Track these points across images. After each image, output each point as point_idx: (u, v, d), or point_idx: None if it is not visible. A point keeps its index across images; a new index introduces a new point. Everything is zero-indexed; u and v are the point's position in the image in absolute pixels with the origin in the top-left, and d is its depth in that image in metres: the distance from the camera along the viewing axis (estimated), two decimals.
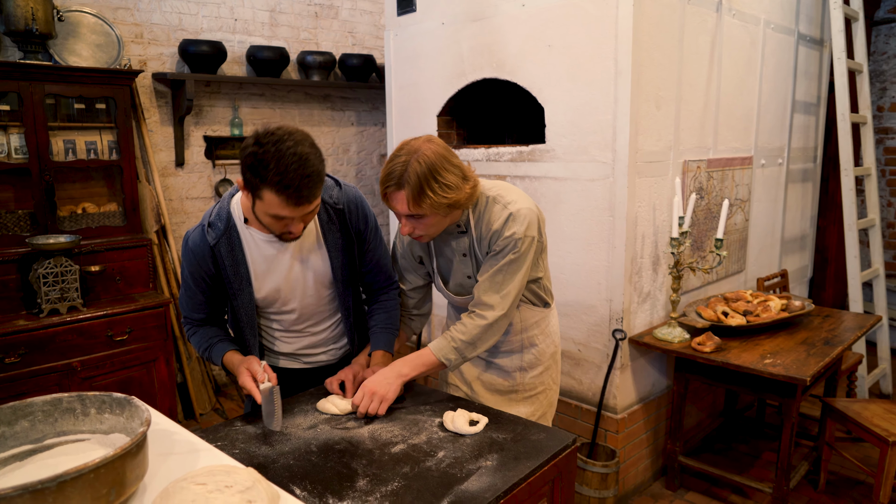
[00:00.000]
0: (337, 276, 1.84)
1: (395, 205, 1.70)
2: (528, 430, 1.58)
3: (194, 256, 1.73)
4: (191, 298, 1.81)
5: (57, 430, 1.10)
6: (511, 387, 2.05)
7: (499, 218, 1.79)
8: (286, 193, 1.49)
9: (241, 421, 1.63)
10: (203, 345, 1.83)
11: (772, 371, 2.46)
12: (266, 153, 1.47)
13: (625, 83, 2.65)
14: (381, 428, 1.59)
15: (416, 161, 1.62)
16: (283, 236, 1.64)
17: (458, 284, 1.98)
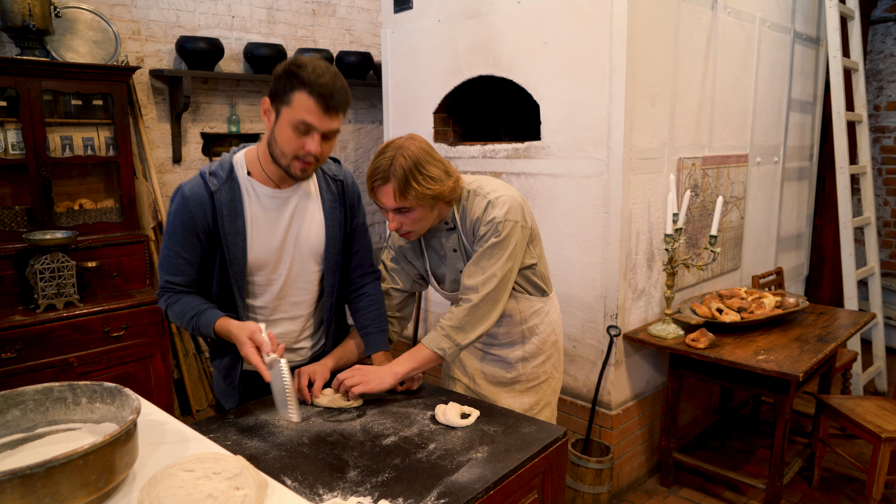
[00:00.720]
0: (330, 250, 1.80)
1: (382, 198, 1.75)
2: (519, 422, 1.59)
3: (190, 205, 1.63)
4: (175, 258, 1.67)
5: (48, 419, 1.11)
6: (514, 378, 2.06)
7: (479, 207, 1.86)
8: (319, 94, 1.50)
9: (234, 413, 1.64)
10: (188, 313, 1.66)
11: (765, 367, 2.47)
12: (302, 62, 1.52)
13: (619, 80, 2.66)
14: (374, 421, 1.60)
15: (402, 156, 1.70)
16: (299, 161, 1.58)
17: (452, 281, 2.00)
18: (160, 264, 1.71)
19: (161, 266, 1.71)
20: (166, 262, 1.69)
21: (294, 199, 1.74)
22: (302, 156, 1.58)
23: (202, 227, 1.65)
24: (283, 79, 1.53)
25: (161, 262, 1.71)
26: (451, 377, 2.16)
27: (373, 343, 1.89)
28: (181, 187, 1.66)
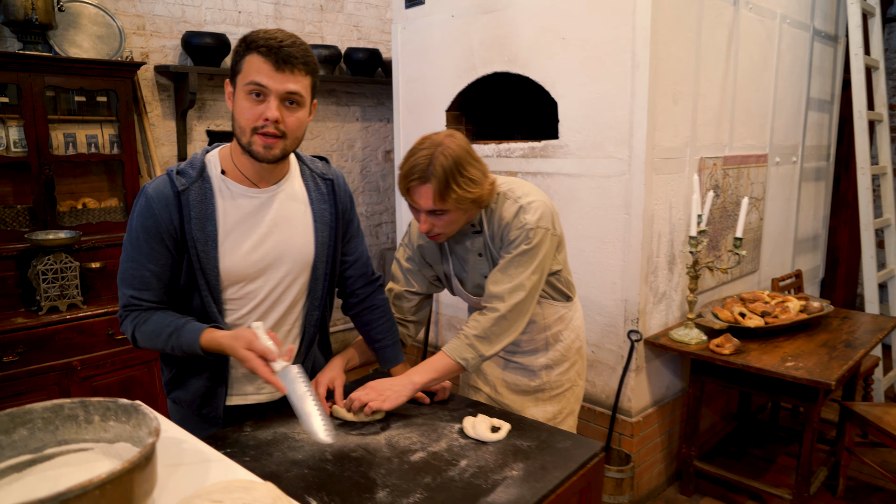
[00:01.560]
0: (320, 257, 1.59)
1: (419, 200, 1.63)
2: (552, 437, 1.51)
3: (154, 208, 1.42)
4: (139, 269, 1.44)
5: (58, 438, 1.02)
6: (537, 386, 1.99)
7: (509, 211, 1.75)
8: (267, 49, 1.35)
9: (250, 426, 1.55)
10: (164, 331, 1.43)
11: (795, 375, 2.38)
12: (255, 31, 1.40)
13: (642, 77, 2.57)
14: (399, 434, 1.51)
15: (442, 154, 1.58)
16: (259, 134, 1.39)
17: (475, 286, 1.91)
18: (121, 278, 1.47)
19: (122, 280, 1.46)
20: (128, 275, 1.46)
21: (276, 200, 1.53)
22: (260, 126, 1.38)
23: (168, 233, 1.43)
24: (237, 51, 1.40)
25: (122, 276, 1.46)
26: (470, 386, 2.08)
27: (390, 356, 1.78)
28: (144, 188, 1.46)
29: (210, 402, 1.59)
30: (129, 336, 1.50)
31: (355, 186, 4.80)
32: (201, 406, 1.59)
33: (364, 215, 4.90)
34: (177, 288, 1.50)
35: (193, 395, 1.59)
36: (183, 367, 1.58)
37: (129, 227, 1.46)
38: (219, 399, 1.59)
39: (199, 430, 1.54)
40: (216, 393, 1.58)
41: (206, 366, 1.55)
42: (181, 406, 1.62)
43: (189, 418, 1.61)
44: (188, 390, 1.59)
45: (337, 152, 4.61)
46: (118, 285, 1.49)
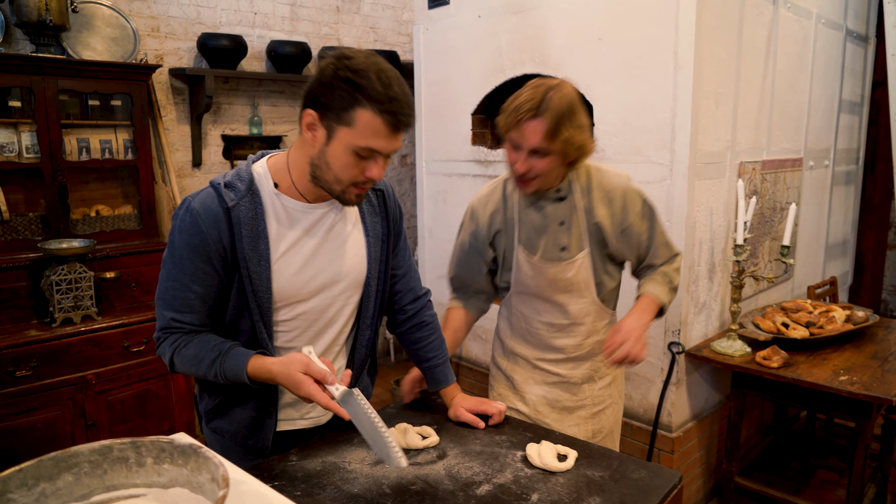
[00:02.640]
0: (372, 273, 1.48)
1: (527, 134, 1.58)
2: (625, 465, 1.39)
3: (201, 224, 1.28)
4: (183, 290, 1.32)
5: (106, 483, 0.91)
6: (579, 401, 1.91)
7: (618, 178, 1.79)
8: (389, 113, 1.20)
9: (296, 454, 1.44)
10: (207, 356, 1.32)
11: (851, 390, 2.27)
12: (360, 66, 1.20)
13: (686, 78, 2.46)
14: (458, 464, 1.40)
15: (557, 94, 1.57)
16: (357, 187, 1.30)
17: (544, 253, 1.80)
18: (161, 298, 1.34)
19: (162, 301, 1.34)
20: (169, 296, 1.33)
21: (330, 216, 1.42)
22: (361, 182, 1.30)
23: (216, 252, 1.30)
24: (340, 90, 1.21)
25: (162, 296, 1.34)
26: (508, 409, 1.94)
27: (440, 377, 1.65)
28: (187, 202, 1.32)
29: (257, 432, 1.48)
30: (167, 360, 1.38)
31: None
32: (247, 437, 1.48)
33: None
34: (222, 310, 1.38)
35: (238, 425, 1.47)
36: (227, 395, 1.46)
37: (171, 243, 1.33)
38: (267, 430, 1.47)
39: (243, 460, 1.46)
40: (264, 423, 1.47)
41: (253, 394, 1.43)
42: (222, 436, 1.50)
43: (231, 449, 1.50)
44: (232, 420, 1.47)
45: None
46: (157, 306, 1.37)
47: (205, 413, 1.51)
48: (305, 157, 1.33)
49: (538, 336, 1.88)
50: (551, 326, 1.86)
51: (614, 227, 1.78)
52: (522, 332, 1.91)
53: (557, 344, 1.87)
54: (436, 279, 3.68)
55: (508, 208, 1.81)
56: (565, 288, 1.80)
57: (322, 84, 1.23)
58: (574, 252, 1.78)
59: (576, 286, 1.80)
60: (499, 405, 1.60)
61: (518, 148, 1.63)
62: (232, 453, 1.48)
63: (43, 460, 0.86)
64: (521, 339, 1.92)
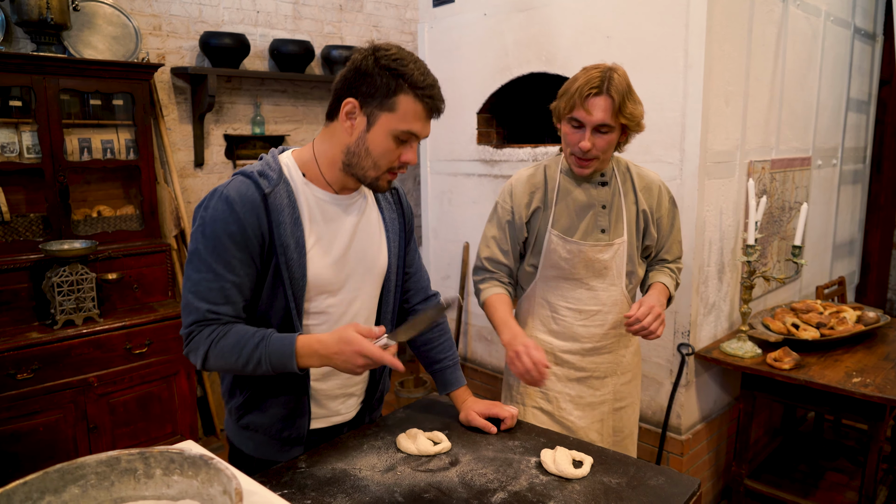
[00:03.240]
0: (392, 266, 1.51)
1: (593, 111, 1.66)
2: (642, 472, 1.36)
3: (239, 211, 1.28)
4: (219, 281, 1.29)
5: (114, 496, 0.88)
6: (601, 397, 1.92)
7: (653, 174, 1.93)
8: (429, 98, 1.29)
9: (305, 462, 1.40)
10: (251, 340, 1.28)
11: (864, 392, 2.24)
12: (400, 56, 1.28)
13: (696, 77, 2.43)
14: (472, 471, 1.37)
15: (617, 73, 1.68)
16: (391, 172, 1.36)
17: (584, 235, 1.84)
18: (193, 290, 1.31)
19: (196, 293, 1.30)
20: (204, 288, 1.30)
21: (356, 207, 1.45)
22: (396, 168, 1.36)
23: (255, 238, 1.30)
24: (383, 77, 1.27)
25: (194, 290, 1.30)
26: (528, 407, 1.94)
27: (451, 379, 1.64)
28: (220, 191, 1.31)
29: (293, 423, 1.46)
30: (202, 354, 1.31)
31: None
32: (283, 429, 1.47)
33: None
34: (254, 301, 1.37)
35: (272, 417, 1.45)
36: (260, 388, 1.44)
37: (203, 234, 1.30)
38: (303, 419, 1.46)
39: (280, 453, 1.49)
40: (300, 412, 1.45)
41: (286, 386, 1.43)
42: (255, 431, 1.48)
43: (265, 444, 1.49)
44: (266, 413, 1.45)
45: None
46: (189, 299, 1.32)
47: (236, 409, 1.48)
48: (338, 147, 1.36)
49: (564, 323, 1.88)
50: (579, 313, 1.86)
51: (652, 215, 1.88)
52: (547, 322, 1.90)
53: (584, 333, 1.87)
54: (441, 280, 3.64)
55: (549, 189, 1.85)
56: (599, 272, 1.83)
57: (363, 73, 1.29)
58: (613, 236, 1.83)
59: (610, 271, 1.84)
60: (511, 409, 1.57)
61: (581, 126, 1.70)
62: (266, 447, 1.48)
63: (48, 472, 0.83)
64: (546, 329, 1.91)
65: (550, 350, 1.91)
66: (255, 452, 1.49)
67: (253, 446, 1.49)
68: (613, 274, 1.84)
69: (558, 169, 1.87)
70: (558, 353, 1.90)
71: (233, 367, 1.31)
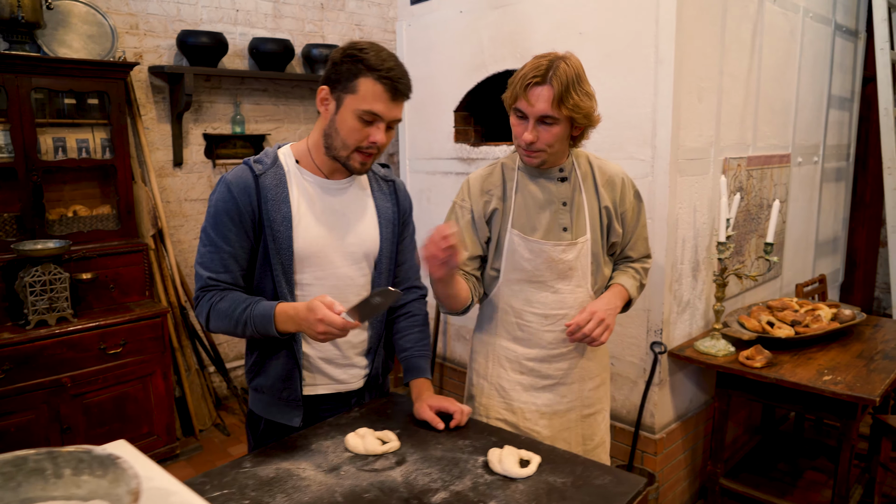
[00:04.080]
0: (384, 250, 1.64)
1: (535, 102, 1.59)
2: (588, 471, 1.35)
3: (234, 191, 1.49)
4: (219, 252, 1.51)
5: (20, 497, 0.86)
6: (569, 404, 1.85)
7: (616, 167, 1.85)
8: (387, 80, 1.43)
9: (250, 461, 1.39)
10: (240, 304, 1.47)
11: (834, 390, 2.22)
12: (363, 46, 1.45)
13: (667, 73, 2.41)
14: (416, 470, 1.35)
15: (564, 63, 1.59)
16: (361, 153, 1.49)
17: (546, 233, 1.75)
18: (199, 262, 1.53)
19: (200, 263, 1.53)
20: (206, 258, 1.52)
21: (348, 192, 1.61)
22: (365, 147, 1.48)
23: (248, 214, 1.50)
24: (345, 64, 1.44)
25: (200, 260, 1.53)
26: (492, 419, 1.88)
27: (415, 367, 1.68)
28: (223, 178, 1.54)
29: (288, 384, 1.60)
30: (204, 316, 1.51)
31: None
32: (282, 389, 1.60)
33: None
34: (251, 273, 1.55)
35: (273, 379, 1.60)
36: (263, 350, 1.61)
37: (209, 214, 1.52)
38: (295, 381, 1.60)
39: (283, 415, 1.62)
40: (293, 375, 1.59)
41: (282, 346, 1.58)
42: (263, 393, 1.63)
43: (272, 404, 1.63)
44: (268, 375, 1.61)
45: None
46: (196, 269, 1.55)
47: (247, 373, 1.66)
48: (320, 131, 1.54)
49: (529, 329, 1.80)
50: (545, 318, 1.78)
51: (616, 211, 1.81)
52: (512, 329, 1.82)
53: (550, 338, 1.79)
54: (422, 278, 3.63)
55: (507, 188, 1.78)
56: (564, 273, 1.75)
57: (333, 63, 1.47)
58: (576, 235, 1.75)
59: (575, 272, 1.76)
60: (464, 407, 1.55)
61: (524, 117, 1.64)
62: (273, 408, 1.63)
63: None
64: (511, 336, 1.83)
65: (515, 358, 1.83)
66: (264, 413, 1.64)
67: (262, 406, 1.65)
68: (579, 275, 1.77)
69: (515, 166, 1.79)
70: (523, 361, 1.83)
71: (229, 329, 1.49)
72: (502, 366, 1.85)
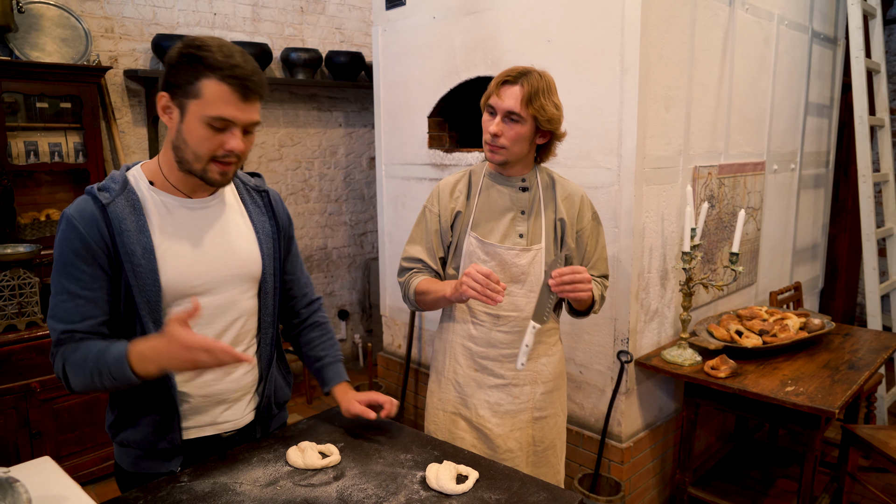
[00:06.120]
0: (267, 269, 1.49)
1: (504, 98, 1.71)
2: (525, 487, 1.34)
3: (79, 227, 1.28)
4: (69, 300, 1.28)
5: None
6: (521, 405, 1.90)
7: (577, 188, 1.92)
8: (234, 80, 1.24)
9: (188, 475, 1.38)
10: (92, 351, 1.26)
11: (795, 401, 2.22)
12: (202, 42, 1.26)
13: (632, 82, 2.41)
14: (353, 485, 1.34)
15: (538, 72, 1.73)
16: (218, 163, 1.30)
17: (505, 238, 1.85)
18: (51, 317, 1.30)
19: (53, 318, 1.30)
20: (59, 310, 1.29)
21: (214, 210, 1.43)
22: (221, 156, 1.30)
23: (100, 250, 1.29)
24: (184, 65, 1.24)
25: (52, 313, 1.30)
26: (450, 413, 1.93)
27: (332, 374, 1.66)
28: (64, 214, 1.32)
29: (166, 435, 1.42)
30: (61, 374, 1.30)
31: (339, 194, 4.63)
32: (156, 441, 1.42)
33: (348, 224, 4.73)
34: (116, 317, 1.34)
35: (144, 432, 1.42)
36: (129, 403, 1.42)
37: (55, 258, 1.31)
38: (175, 430, 1.42)
39: (161, 467, 1.44)
40: (171, 422, 1.41)
41: (153, 396, 1.39)
42: (132, 447, 1.44)
43: (142, 459, 1.45)
44: (137, 429, 1.42)
45: (319, 159, 4.45)
46: (49, 325, 1.32)
47: (109, 429, 1.46)
48: (169, 144, 1.34)
49: (482, 329, 1.87)
50: (496, 318, 1.85)
51: (572, 227, 1.88)
52: (467, 327, 1.90)
53: (501, 338, 1.86)
54: (396, 284, 3.62)
55: (472, 193, 1.88)
56: (517, 277, 1.83)
57: (169, 65, 1.27)
58: (530, 242, 1.84)
59: (528, 277, 1.83)
60: (393, 398, 1.58)
61: (494, 113, 1.74)
62: (144, 462, 1.44)
63: None
64: (466, 334, 1.90)
65: (469, 356, 1.90)
66: (133, 468, 1.45)
67: (130, 461, 1.45)
68: (532, 280, 1.84)
69: (483, 172, 1.90)
70: (478, 360, 1.89)
71: (87, 383, 1.28)
72: (458, 362, 1.92)
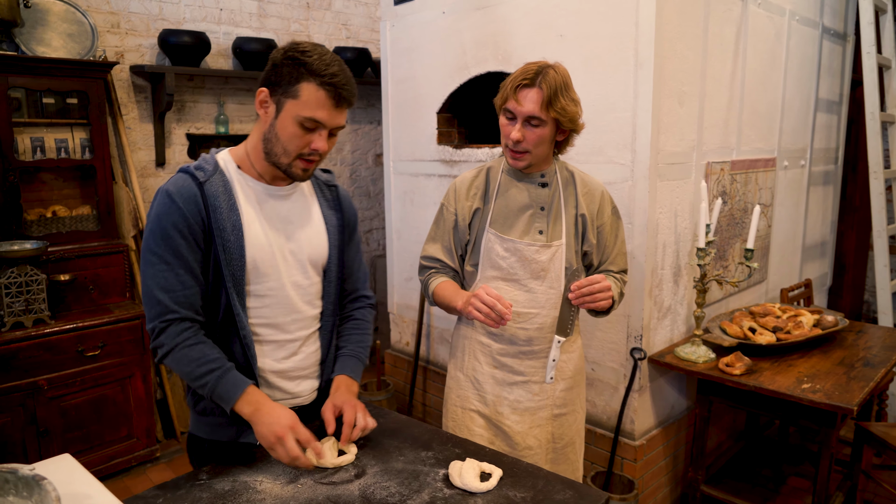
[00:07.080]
0: (332, 258, 1.59)
1: (523, 102, 1.67)
2: (550, 485, 1.32)
3: (178, 203, 1.36)
4: (171, 269, 1.37)
5: None
6: (540, 402, 1.88)
7: (597, 182, 1.90)
8: (330, 86, 1.35)
9: (207, 472, 1.36)
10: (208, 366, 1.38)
11: (812, 398, 2.20)
12: (306, 48, 1.37)
13: (646, 76, 2.39)
14: (375, 483, 1.32)
15: (553, 69, 1.68)
16: (303, 160, 1.41)
17: (524, 234, 1.83)
18: (154, 284, 1.38)
19: (158, 285, 1.37)
20: (162, 277, 1.37)
21: (292, 198, 1.54)
22: (307, 154, 1.41)
23: (196, 225, 1.39)
24: (287, 67, 1.36)
25: (153, 281, 1.38)
26: (467, 410, 1.92)
27: (338, 365, 1.63)
28: (161, 189, 1.41)
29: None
30: (164, 351, 1.40)
31: None
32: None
33: None
34: (205, 288, 1.45)
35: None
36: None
37: (152, 232, 1.39)
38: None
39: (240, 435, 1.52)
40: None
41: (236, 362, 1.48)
42: (213, 415, 1.52)
43: (221, 427, 1.52)
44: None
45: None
46: (149, 294, 1.40)
47: (191, 398, 1.55)
48: (259, 136, 1.45)
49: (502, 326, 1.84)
50: (517, 315, 1.84)
51: (592, 223, 1.85)
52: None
53: (522, 335, 1.84)
54: (404, 281, 3.60)
55: (490, 189, 1.86)
56: (537, 273, 1.82)
57: (273, 64, 1.39)
58: (551, 238, 1.81)
59: (548, 273, 1.82)
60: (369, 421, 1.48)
61: (513, 118, 1.71)
62: (222, 430, 1.52)
63: None
64: (485, 331, 1.89)
65: (489, 353, 1.89)
66: (210, 435, 1.53)
67: (208, 430, 1.53)
68: (552, 276, 1.82)
69: (500, 169, 1.88)
70: (496, 356, 1.88)
71: (183, 374, 1.41)
72: (477, 359, 1.91)
